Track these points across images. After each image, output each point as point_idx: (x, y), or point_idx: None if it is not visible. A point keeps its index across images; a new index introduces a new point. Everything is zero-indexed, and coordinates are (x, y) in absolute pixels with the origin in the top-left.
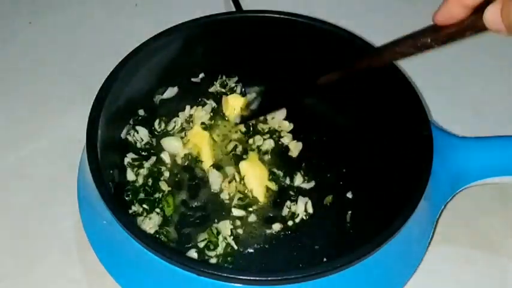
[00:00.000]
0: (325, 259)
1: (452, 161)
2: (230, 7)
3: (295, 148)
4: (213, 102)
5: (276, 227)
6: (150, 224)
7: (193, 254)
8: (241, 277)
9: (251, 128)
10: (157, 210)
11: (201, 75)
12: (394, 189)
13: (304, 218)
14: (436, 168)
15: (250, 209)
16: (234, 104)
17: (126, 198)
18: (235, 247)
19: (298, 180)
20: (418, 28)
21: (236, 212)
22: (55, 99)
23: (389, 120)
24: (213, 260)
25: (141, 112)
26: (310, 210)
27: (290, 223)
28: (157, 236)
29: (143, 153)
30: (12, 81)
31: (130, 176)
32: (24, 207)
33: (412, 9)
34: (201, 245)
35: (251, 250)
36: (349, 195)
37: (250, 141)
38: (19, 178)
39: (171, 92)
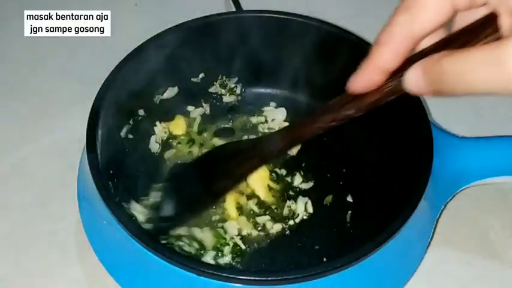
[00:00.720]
0: (325, 259)
1: (452, 161)
2: (230, 7)
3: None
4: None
5: (276, 226)
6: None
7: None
8: (241, 277)
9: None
10: None
11: (201, 75)
12: (394, 189)
13: (304, 218)
14: (436, 168)
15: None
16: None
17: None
18: (243, 247)
19: (298, 180)
20: None
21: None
22: (55, 99)
23: (389, 120)
24: (224, 260)
25: (141, 112)
26: (310, 210)
27: (290, 223)
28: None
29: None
30: (12, 81)
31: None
32: (24, 207)
33: None
34: (211, 245)
35: (251, 250)
36: (349, 195)
37: None
38: (19, 178)
39: (171, 92)
